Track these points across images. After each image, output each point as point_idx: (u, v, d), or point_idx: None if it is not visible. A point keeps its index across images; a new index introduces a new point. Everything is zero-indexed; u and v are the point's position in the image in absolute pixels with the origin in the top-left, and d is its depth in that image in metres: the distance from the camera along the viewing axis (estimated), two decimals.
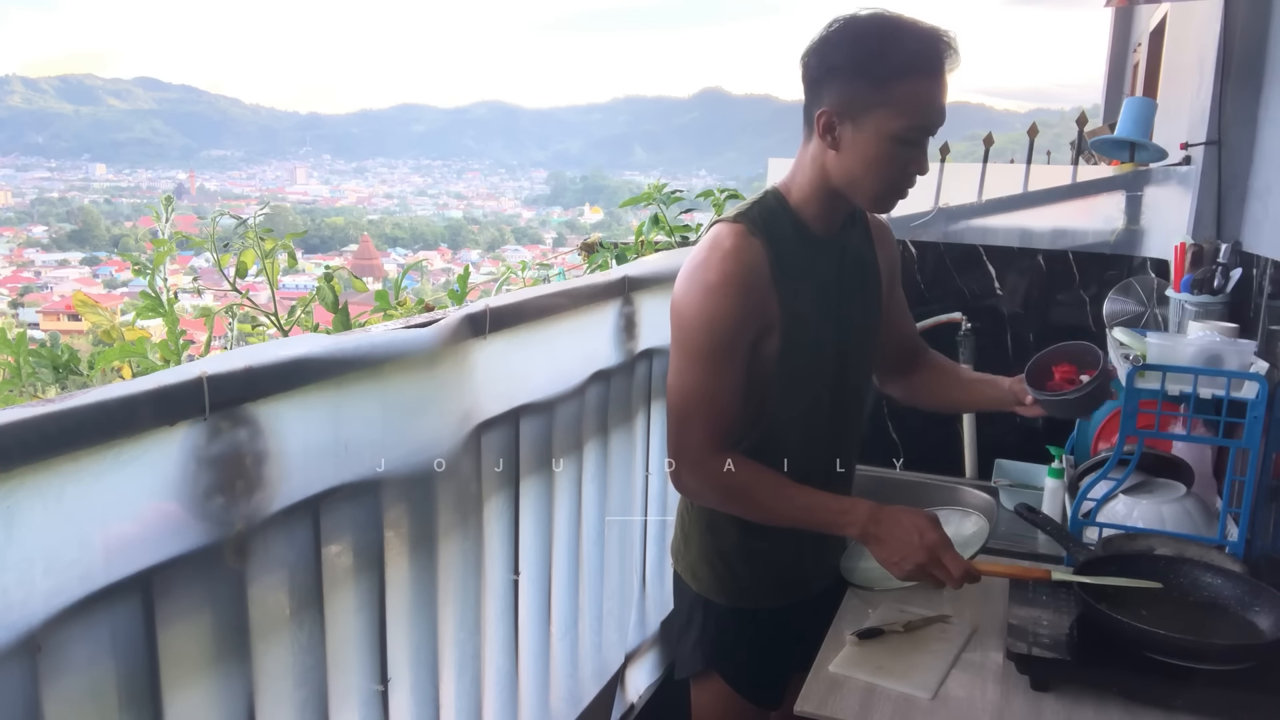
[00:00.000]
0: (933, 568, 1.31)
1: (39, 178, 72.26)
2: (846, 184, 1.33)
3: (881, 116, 1.25)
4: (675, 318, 1.39)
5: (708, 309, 1.33)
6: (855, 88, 1.25)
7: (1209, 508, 1.70)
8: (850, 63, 1.25)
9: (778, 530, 1.48)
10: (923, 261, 2.79)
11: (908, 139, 1.26)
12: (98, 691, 0.85)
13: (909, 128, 1.25)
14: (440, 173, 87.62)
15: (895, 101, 1.24)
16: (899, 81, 1.23)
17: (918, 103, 1.25)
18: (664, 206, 2.40)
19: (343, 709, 1.16)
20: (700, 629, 1.59)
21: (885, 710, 1.24)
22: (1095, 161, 3.11)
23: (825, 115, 1.28)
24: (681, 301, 1.37)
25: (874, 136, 1.26)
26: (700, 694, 1.64)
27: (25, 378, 1.43)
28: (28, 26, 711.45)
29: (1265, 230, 1.98)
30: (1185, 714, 1.20)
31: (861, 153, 1.27)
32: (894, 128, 1.25)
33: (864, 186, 1.31)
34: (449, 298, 1.90)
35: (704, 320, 1.34)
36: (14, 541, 0.75)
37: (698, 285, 1.35)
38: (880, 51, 1.24)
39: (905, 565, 1.32)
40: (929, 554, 1.30)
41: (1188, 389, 1.51)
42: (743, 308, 1.33)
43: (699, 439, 1.37)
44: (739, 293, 1.32)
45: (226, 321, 1.66)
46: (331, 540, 1.12)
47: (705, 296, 1.33)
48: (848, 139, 1.28)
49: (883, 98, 1.24)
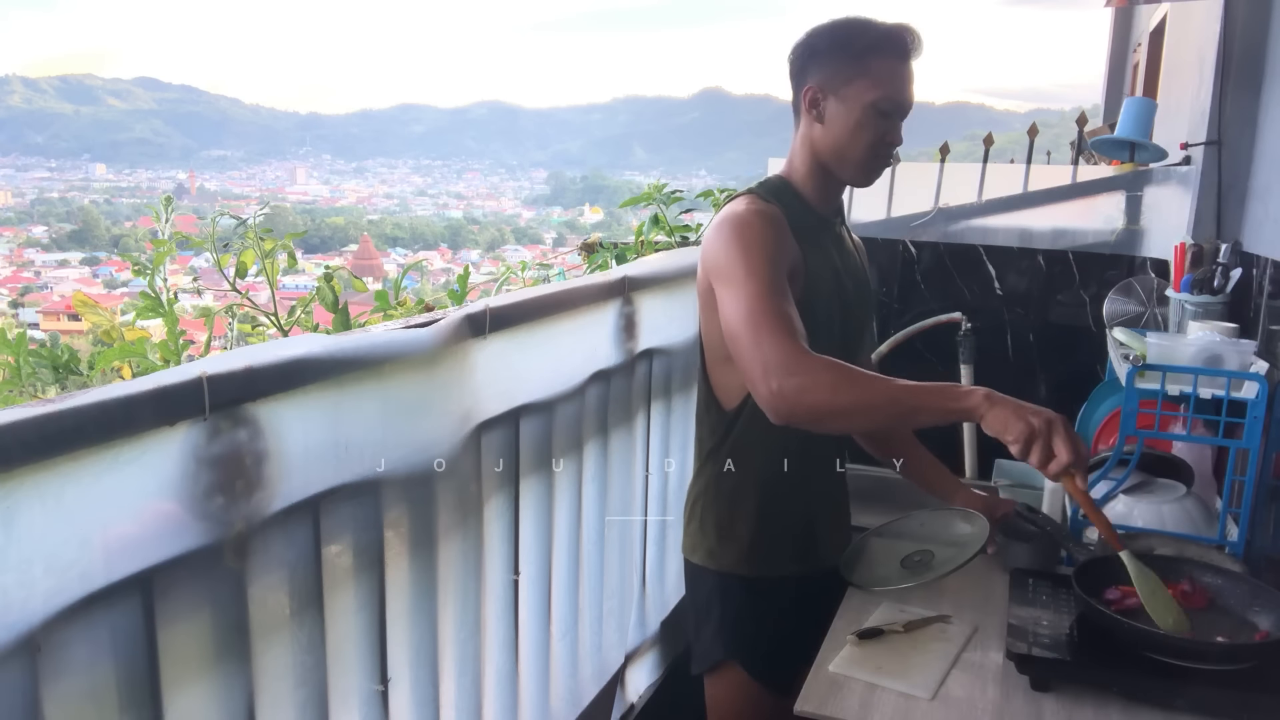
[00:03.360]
0: (1055, 434, 1.23)
1: (39, 178, 72.27)
2: (833, 154, 1.48)
3: (861, 87, 1.43)
4: (716, 258, 1.43)
5: (747, 236, 1.40)
6: (836, 64, 1.44)
7: (1209, 508, 1.70)
8: (831, 44, 1.45)
9: (791, 495, 1.58)
10: (923, 261, 2.79)
11: (883, 109, 1.43)
12: (98, 691, 0.85)
13: (884, 97, 1.42)
14: (440, 173, 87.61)
15: (872, 73, 1.42)
16: (874, 56, 1.42)
17: (891, 76, 1.43)
18: (664, 206, 2.41)
19: (343, 709, 1.16)
20: (720, 615, 1.61)
21: (886, 710, 1.24)
22: (1095, 161, 3.11)
23: (810, 91, 1.46)
24: (718, 243, 1.43)
25: (855, 105, 1.43)
26: (716, 687, 1.65)
27: (25, 378, 1.43)
28: (28, 26, 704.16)
29: (1265, 230, 1.98)
30: (1185, 714, 1.20)
31: (844, 122, 1.44)
32: (872, 97, 1.42)
33: (848, 154, 1.47)
34: (449, 298, 1.90)
35: (747, 245, 1.40)
36: (14, 541, 0.75)
37: (733, 224, 1.42)
38: (857, 33, 1.44)
39: (1022, 424, 1.23)
40: (1048, 424, 1.23)
41: (1188, 389, 1.51)
42: (779, 236, 1.43)
43: (784, 341, 1.31)
44: (773, 225, 1.43)
45: (226, 321, 1.66)
46: (331, 540, 1.12)
47: (743, 228, 1.41)
48: (831, 111, 1.45)
49: (861, 70, 1.42)
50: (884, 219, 2.87)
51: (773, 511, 1.60)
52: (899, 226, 2.82)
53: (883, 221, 2.87)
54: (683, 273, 1.99)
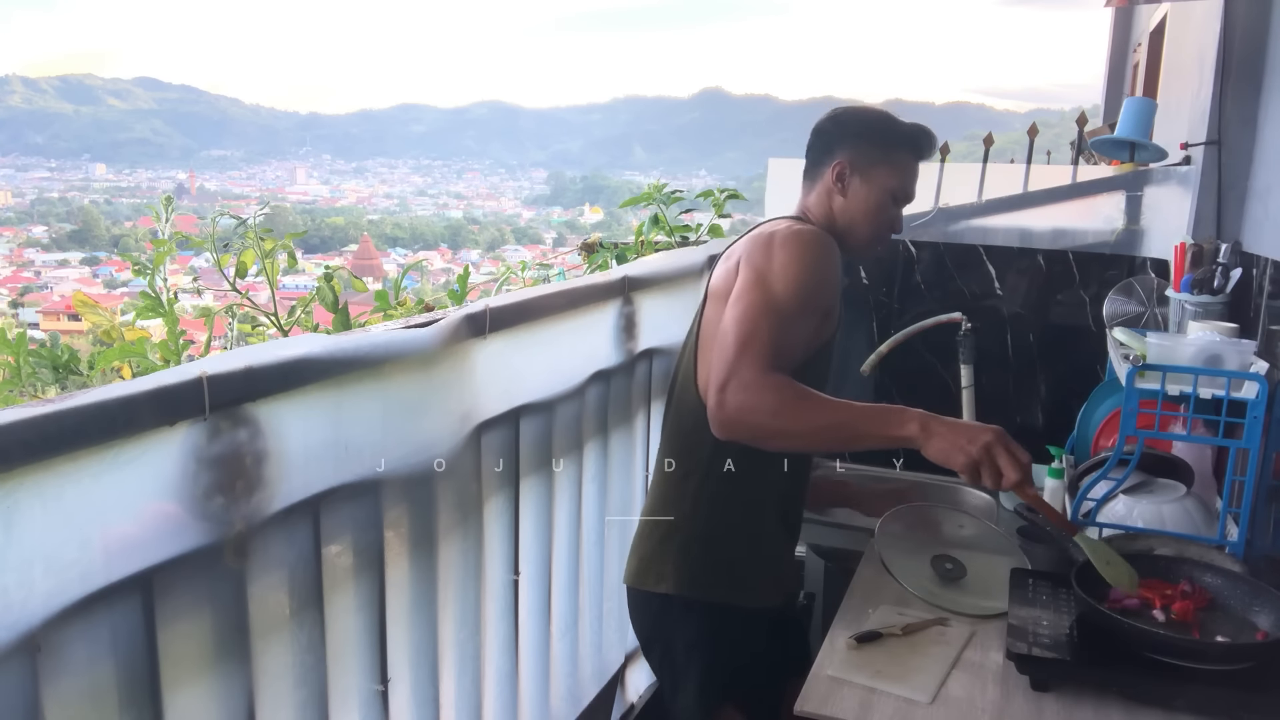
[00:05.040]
0: (998, 456, 1.26)
1: (39, 178, 72.23)
2: (847, 225, 1.59)
3: (883, 173, 1.58)
4: (761, 262, 1.46)
5: (807, 261, 1.46)
6: (867, 148, 1.58)
7: (1209, 508, 1.69)
8: (864, 129, 1.60)
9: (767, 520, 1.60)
10: (923, 261, 2.79)
11: (896, 197, 1.59)
12: (98, 691, 0.85)
13: (899, 187, 1.59)
14: (440, 173, 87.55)
15: (894, 163, 1.58)
16: (899, 150, 1.59)
17: (909, 170, 1.60)
18: (664, 206, 2.41)
19: (343, 709, 1.16)
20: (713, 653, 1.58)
21: (886, 709, 1.24)
22: (1095, 161, 3.11)
23: (840, 165, 1.58)
24: (784, 253, 1.46)
25: (876, 188, 1.58)
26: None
27: (25, 378, 1.44)
28: (28, 26, 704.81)
29: (1265, 230, 1.98)
30: (1185, 714, 1.20)
31: (864, 199, 1.58)
32: (891, 185, 1.58)
33: (860, 229, 1.59)
34: (449, 298, 1.91)
35: (802, 271, 1.45)
36: (14, 541, 0.75)
37: (807, 243, 1.48)
38: (888, 126, 1.60)
39: (963, 456, 1.27)
40: (986, 448, 1.26)
41: (1188, 389, 1.51)
42: (837, 272, 1.52)
43: (759, 367, 1.35)
44: (834, 264, 1.51)
45: (226, 321, 1.66)
46: (331, 540, 1.12)
47: (815, 249, 1.47)
48: (854, 187, 1.58)
49: (886, 159, 1.58)
50: None
51: (756, 533, 1.60)
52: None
53: None
54: (683, 273, 1.99)
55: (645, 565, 1.60)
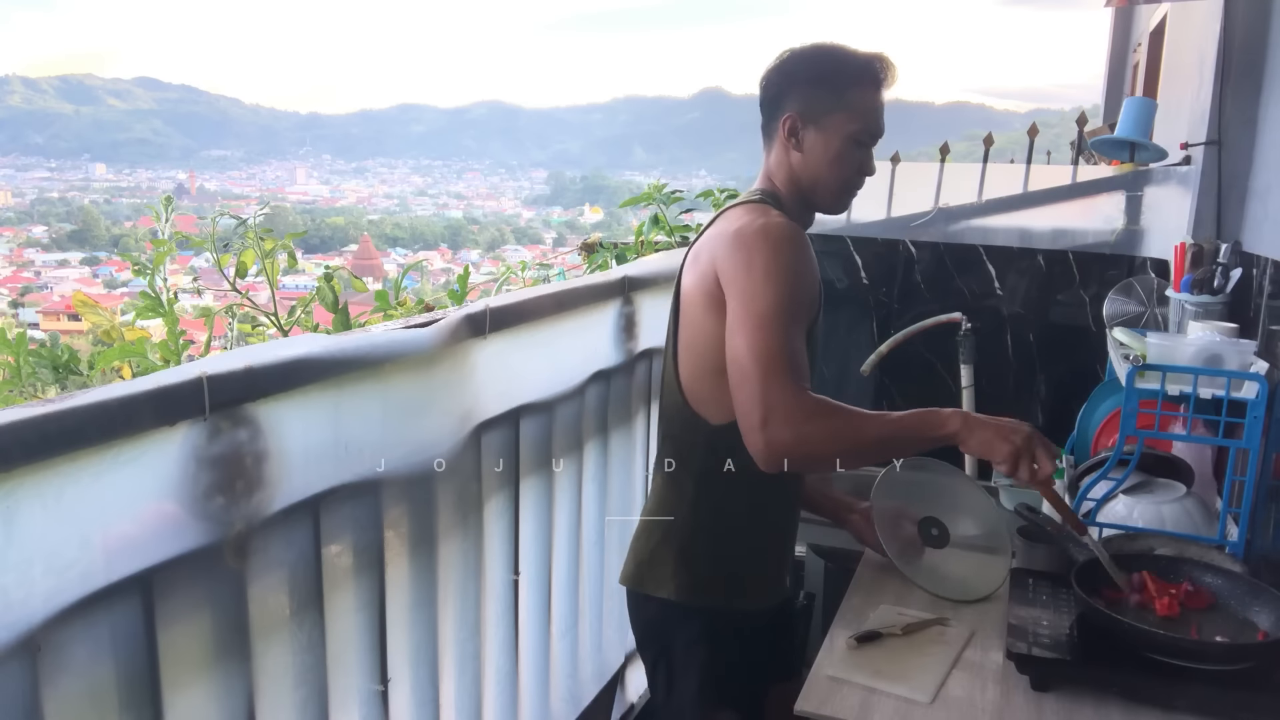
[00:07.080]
0: (1035, 450, 1.29)
1: (39, 178, 72.21)
2: (811, 182, 1.48)
3: (840, 119, 1.44)
4: (741, 278, 1.36)
5: (783, 258, 1.35)
6: (817, 95, 1.44)
7: (1209, 508, 1.69)
8: (811, 75, 1.45)
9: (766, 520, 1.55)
10: (923, 261, 2.79)
11: (860, 140, 1.45)
12: (98, 691, 0.85)
13: (862, 130, 1.45)
14: (440, 173, 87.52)
15: (850, 106, 1.44)
16: (853, 89, 1.44)
17: (868, 108, 1.45)
18: (664, 206, 2.41)
19: (343, 709, 1.16)
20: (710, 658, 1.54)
21: (886, 709, 1.24)
22: (1095, 161, 3.11)
23: (790, 119, 1.45)
24: (745, 257, 1.36)
25: (834, 136, 1.44)
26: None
27: (25, 378, 1.44)
28: (28, 26, 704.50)
29: (1265, 230, 1.98)
30: (1185, 714, 1.20)
31: (823, 151, 1.45)
32: (850, 129, 1.44)
33: (826, 182, 1.47)
34: (449, 298, 1.91)
35: (782, 269, 1.35)
36: (14, 541, 0.75)
37: (769, 241, 1.36)
38: (837, 66, 1.45)
39: (1008, 446, 1.29)
40: (1028, 439, 1.29)
41: (1188, 389, 1.51)
42: (811, 261, 1.41)
43: (790, 390, 1.29)
44: (806, 249, 1.41)
45: (226, 321, 1.66)
46: (331, 540, 1.12)
47: (781, 247, 1.36)
48: (810, 140, 1.46)
49: (840, 103, 1.44)
50: (884, 219, 2.87)
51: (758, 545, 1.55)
52: (899, 226, 2.82)
53: (883, 221, 2.86)
54: None
55: (643, 568, 1.58)
